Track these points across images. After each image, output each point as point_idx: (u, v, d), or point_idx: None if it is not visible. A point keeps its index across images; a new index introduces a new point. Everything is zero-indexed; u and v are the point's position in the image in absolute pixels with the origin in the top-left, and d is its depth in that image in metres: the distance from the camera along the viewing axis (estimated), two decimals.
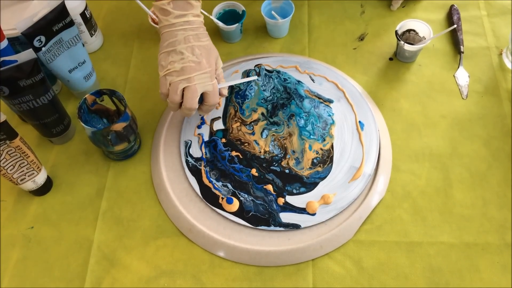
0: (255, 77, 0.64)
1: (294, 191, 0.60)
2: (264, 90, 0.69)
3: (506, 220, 0.58)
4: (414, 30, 0.72)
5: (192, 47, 0.56)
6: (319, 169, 0.62)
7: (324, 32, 0.78)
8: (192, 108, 0.56)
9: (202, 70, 0.55)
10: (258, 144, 0.64)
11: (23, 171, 0.58)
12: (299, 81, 0.70)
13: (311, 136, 0.65)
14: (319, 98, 0.68)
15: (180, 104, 0.57)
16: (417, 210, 0.60)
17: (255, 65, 0.72)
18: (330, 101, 0.68)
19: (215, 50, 0.59)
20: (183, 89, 0.56)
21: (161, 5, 0.56)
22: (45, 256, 0.59)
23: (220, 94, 0.60)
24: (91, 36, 0.75)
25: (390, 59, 0.74)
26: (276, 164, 0.62)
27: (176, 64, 0.55)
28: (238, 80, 0.66)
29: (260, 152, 0.64)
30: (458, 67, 0.72)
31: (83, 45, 0.67)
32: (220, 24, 0.73)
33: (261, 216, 0.58)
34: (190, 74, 0.55)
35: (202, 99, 0.58)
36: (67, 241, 0.60)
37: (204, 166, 0.63)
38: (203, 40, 0.57)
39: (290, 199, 0.60)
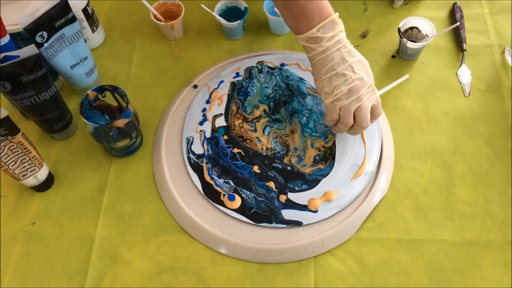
0: (407, 76, 0.62)
1: (296, 188, 0.60)
2: (266, 87, 0.69)
3: (508, 218, 0.58)
4: (416, 28, 0.72)
5: (351, 66, 0.54)
6: (321, 166, 0.62)
7: None
8: (367, 126, 0.56)
9: (366, 85, 0.54)
10: (260, 141, 0.64)
11: (25, 167, 0.58)
12: (301, 78, 0.70)
13: (313, 134, 0.64)
14: None
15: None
16: (419, 207, 0.60)
17: (257, 62, 0.72)
18: None
19: (366, 60, 0.57)
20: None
21: (311, 35, 0.54)
22: (47, 252, 0.59)
23: None
24: (93, 32, 0.75)
25: (393, 56, 0.74)
26: (278, 161, 0.62)
27: (342, 87, 0.54)
28: (392, 84, 0.64)
29: (262, 149, 0.64)
30: (461, 65, 0.72)
31: (85, 41, 0.67)
32: (223, 21, 0.73)
33: (263, 213, 0.58)
34: (359, 93, 0.54)
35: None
36: (69, 237, 0.60)
37: (206, 163, 0.63)
38: (355, 54, 0.55)
39: (292, 196, 0.60)
